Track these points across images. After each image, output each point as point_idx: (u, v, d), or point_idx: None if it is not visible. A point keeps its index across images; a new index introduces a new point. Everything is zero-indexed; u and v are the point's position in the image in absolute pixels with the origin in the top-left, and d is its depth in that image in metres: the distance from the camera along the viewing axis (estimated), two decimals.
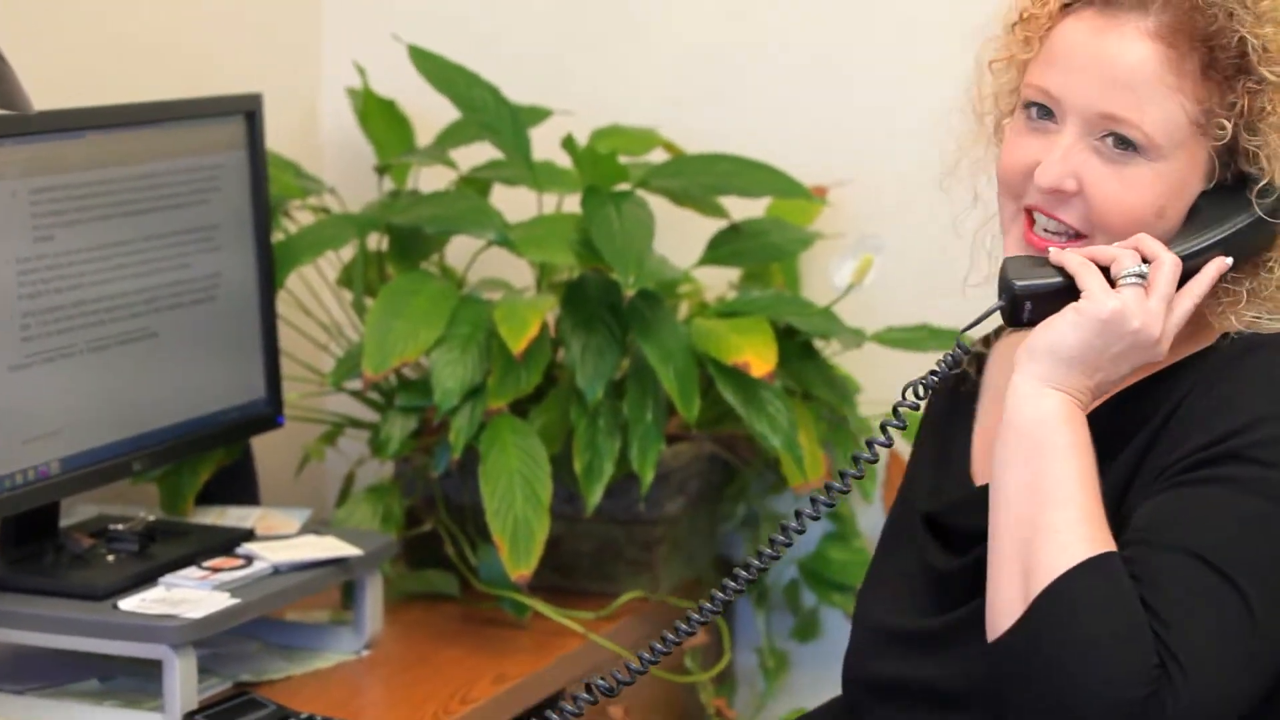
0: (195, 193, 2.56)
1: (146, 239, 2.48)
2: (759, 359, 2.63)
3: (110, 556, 2.40)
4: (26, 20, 2.62)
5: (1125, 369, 1.88)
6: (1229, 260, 1.91)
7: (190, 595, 2.33)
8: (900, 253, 2.78)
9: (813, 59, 2.99)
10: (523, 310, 2.62)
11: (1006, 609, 1.83)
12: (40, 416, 2.35)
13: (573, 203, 2.77)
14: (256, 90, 2.66)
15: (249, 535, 2.52)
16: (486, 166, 2.91)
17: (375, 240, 2.85)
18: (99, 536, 2.44)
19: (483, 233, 2.76)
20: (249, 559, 2.43)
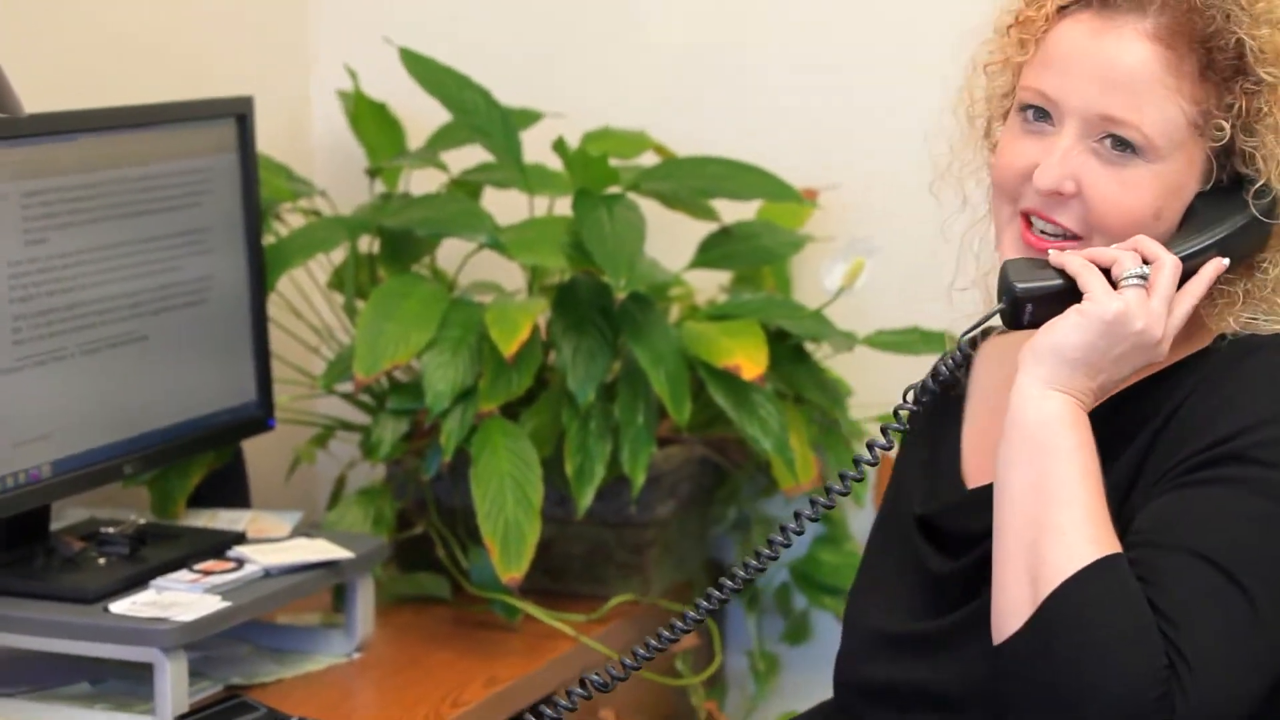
0: (186, 195, 2.56)
1: (138, 242, 2.48)
2: (750, 362, 2.63)
3: (101, 559, 2.40)
4: (17, 23, 2.62)
5: (1127, 370, 1.88)
6: (1226, 261, 1.91)
7: (181, 598, 2.32)
8: (891, 256, 2.77)
9: (804, 62, 2.99)
10: (514, 313, 2.62)
11: (1013, 611, 1.83)
12: (31, 419, 2.35)
13: (564, 205, 2.77)
14: (247, 93, 2.66)
15: (240, 538, 2.52)
16: (477, 169, 2.91)
17: (366, 243, 2.85)
18: (90, 539, 2.43)
19: (474, 235, 2.76)
20: (240, 562, 2.42)
